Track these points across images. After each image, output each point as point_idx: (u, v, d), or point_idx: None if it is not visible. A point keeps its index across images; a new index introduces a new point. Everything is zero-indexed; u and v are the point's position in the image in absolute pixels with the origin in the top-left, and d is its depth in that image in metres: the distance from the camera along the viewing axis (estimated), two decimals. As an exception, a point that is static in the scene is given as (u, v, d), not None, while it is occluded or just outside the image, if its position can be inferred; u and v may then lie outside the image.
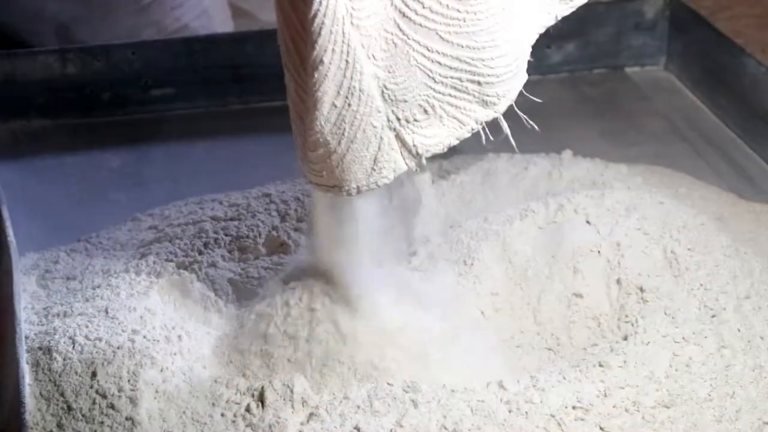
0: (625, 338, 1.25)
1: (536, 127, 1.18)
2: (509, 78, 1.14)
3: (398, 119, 1.12)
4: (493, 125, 1.16)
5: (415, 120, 1.13)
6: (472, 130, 1.15)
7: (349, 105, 1.10)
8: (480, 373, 1.21)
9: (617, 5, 1.91)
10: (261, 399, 1.16)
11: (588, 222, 1.36)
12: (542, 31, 1.19)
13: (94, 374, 1.20)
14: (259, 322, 1.24)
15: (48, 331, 1.26)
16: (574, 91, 1.89)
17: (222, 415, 1.16)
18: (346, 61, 1.09)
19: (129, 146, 1.76)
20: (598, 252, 1.33)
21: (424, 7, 1.10)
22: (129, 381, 1.18)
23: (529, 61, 1.17)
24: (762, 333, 1.26)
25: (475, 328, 1.28)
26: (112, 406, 1.17)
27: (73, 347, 1.23)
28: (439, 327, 1.24)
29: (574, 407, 1.16)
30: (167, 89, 1.82)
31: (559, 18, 1.20)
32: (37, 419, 1.17)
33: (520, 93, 1.17)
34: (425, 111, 1.13)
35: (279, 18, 1.14)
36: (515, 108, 1.16)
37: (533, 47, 1.18)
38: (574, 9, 1.21)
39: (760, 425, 1.18)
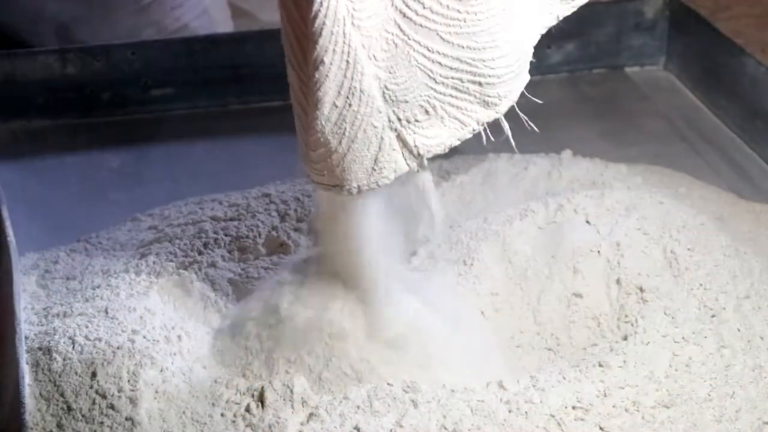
0: (625, 338, 1.25)
1: (536, 128, 1.18)
2: (510, 79, 1.14)
3: (399, 120, 1.12)
4: (493, 125, 1.16)
5: (416, 120, 1.13)
6: (474, 130, 1.15)
7: (350, 105, 1.10)
8: (480, 373, 1.21)
9: (617, 5, 1.91)
10: (261, 399, 1.16)
11: (588, 222, 1.36)
12: (544, 31, 1.19)
13: (94, 374, 1.19)
14: (259, 321, 1.24)
15: (48, 332, 1.26)
16: (574, 91, 1.89)
17: (222, 415, 1.16)
18: (347, 62, 1.09)
19: (129, 146, 1.76)
20: (598, 252, 1.32)
21: (424, 8, 1.10)
22: (129, 381, 1.18)
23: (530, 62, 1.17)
24: (762, 333, 1.26)
25: (475, 328, 1.28)
26: (112, 407, 1.17)
27: (73, 347, 1.22)
28: (439, 327, 1.24)
29: (574, 407, 1.16)
30: (167, 89, 1.82)
31: (561, 18, 1.20)
32: (37, 419, 1.17)
33: (521, 93, 1.16)
34: (426, 111, 1.13)
35: (282, 14, 1.14)
36: (516, 108, 1.16)
37: (533, 47, 1.18)
38: (575, 9, 1.21)
39: (760, 425, 1.18)
